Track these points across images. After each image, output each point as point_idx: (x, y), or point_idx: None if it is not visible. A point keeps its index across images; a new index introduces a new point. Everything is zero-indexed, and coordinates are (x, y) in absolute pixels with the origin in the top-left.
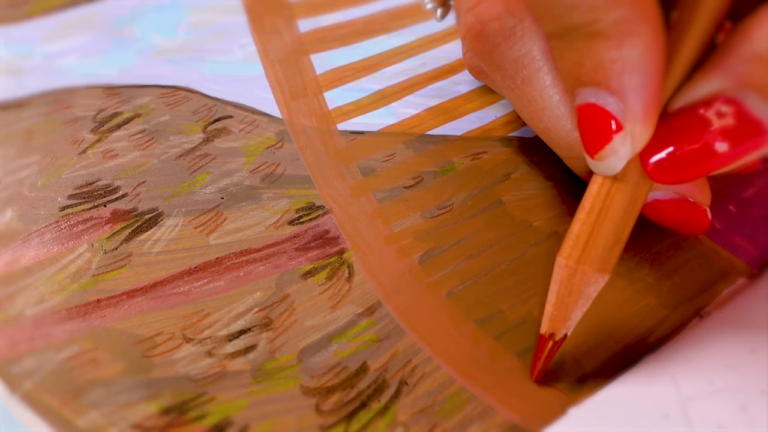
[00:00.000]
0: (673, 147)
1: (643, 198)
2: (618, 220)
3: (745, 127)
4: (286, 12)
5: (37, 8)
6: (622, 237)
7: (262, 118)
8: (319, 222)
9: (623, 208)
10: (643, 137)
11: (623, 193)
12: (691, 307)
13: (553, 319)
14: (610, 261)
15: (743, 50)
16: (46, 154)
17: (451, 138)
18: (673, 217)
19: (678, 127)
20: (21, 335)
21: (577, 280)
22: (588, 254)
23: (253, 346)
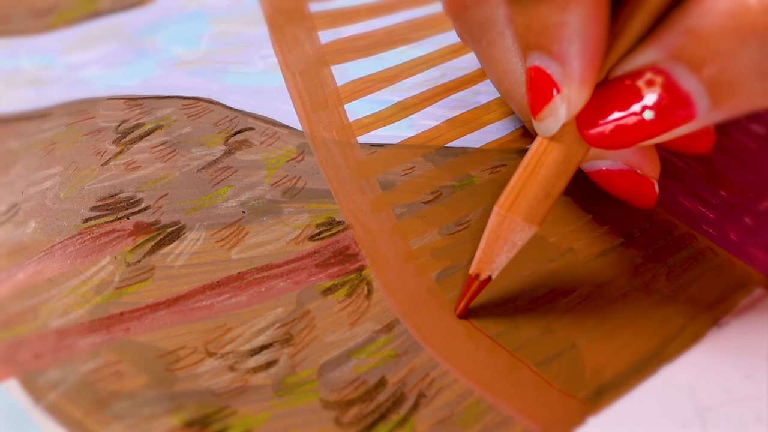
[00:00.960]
0: (605, 113)
1: (577, 159)
2: (549, 176)
3: (672, 98)
4: (306, 23)
5: (60, 19)
6: (552, 192)
7: (283, 131)
8: (339, 238)
9: (556, 166)
10: (578, 101)
11: (557, 153)
12: (709, 317)
13: (480, 261)
14: (538, 213)
15: (679, 24)
16: (69, 165)
17: (470, 150)
18: (621, 186)
19: (611, 94)
20: (45, 347)
21: (505, 227)
22: (518, 204)
23: (275, 361)
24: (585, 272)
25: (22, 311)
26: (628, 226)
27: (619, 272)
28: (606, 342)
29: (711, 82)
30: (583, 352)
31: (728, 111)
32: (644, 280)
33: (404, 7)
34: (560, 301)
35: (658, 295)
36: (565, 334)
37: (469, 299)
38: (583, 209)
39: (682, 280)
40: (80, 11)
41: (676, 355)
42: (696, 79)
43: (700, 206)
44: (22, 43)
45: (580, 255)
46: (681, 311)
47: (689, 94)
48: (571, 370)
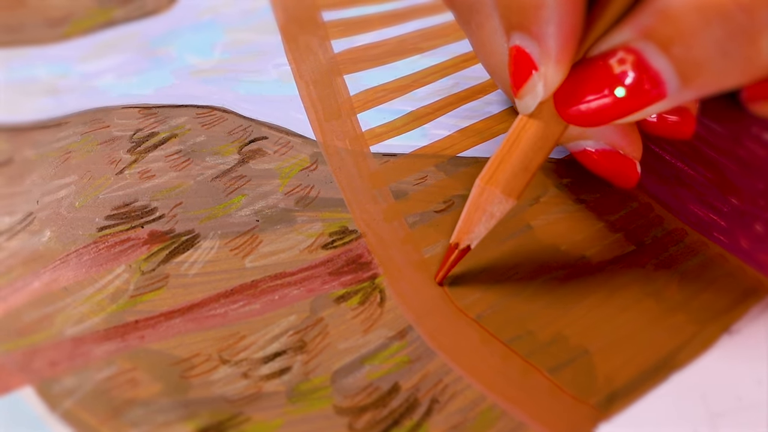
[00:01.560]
0: (580, 91)
1: (555, 136)
2: (527, 151)
3: (642, 77)
4: (320, 32)
5: (75, 29)
6: (529, 167)
7: (296, 140)
8: (352, 246)
9: (534, 141)
10: (554, 79)
11: (535, 129)
12: (720, 324)
13: (460, 231)
14: (515, 186)
15: (651, 4)
16: (84, 175)
17: (482, 160)
18: (604, 166)
19: (586, 73)
20: (60, 355)
21: (484, 199)
22: (496, 177)
23: (288, 368)
24: (597, 279)
25: (38, 319)
26: (640, 234)
27: (631, 279)
28: (618, 348)
29: (679, 60)
30: (596, 359)
31: (697, 89)
32: (656, 287)
33: (417, 16)
34: (573, 308)
35: (670, 302)
36: (578, 340)
37: (448, 267)
38: (596, 217)
39: (693, 287)
40: (95, 20)
41: (687, 361)
42: (665, 58)
43: (711, 214)
44: (38, 52)
45: (593, 262)
46: (692, 318)
47: (659, 73)
48: (583, 377)
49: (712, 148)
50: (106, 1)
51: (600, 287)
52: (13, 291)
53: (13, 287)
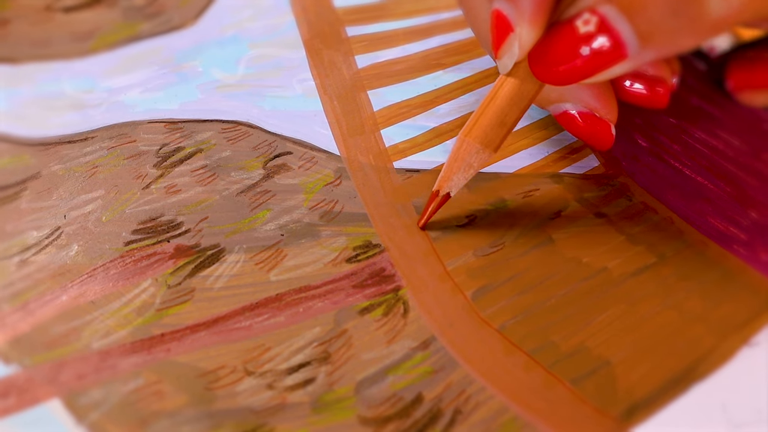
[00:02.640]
0: (551, 51)
1: (529, 94)
2: (503, 107)
3: (604, 37)
4: (344, 47)
5: (101, 43)
6: (505, 121)
7: (320, 155)
8: (375, 260)
9: (509, 98)
10: (528, 39)
11: (511, 86)
12: (740, 336)
13: (441, 179)
14: (493, 139)
15: None
16: (111, 189)
17: (503, 175)
18: (581, 127)
19: (557, 34)
20: (88, 367)
21: (463, 150)
22: (475, 130)
23: (312, 379)
24: (619, 291)
25: (66, 333)
26: (661, 247)
27: (652, 291)
28: (639, 360)
29: (637, 21)
30: (617, 370)
31: (656, 49)
32: (677, 299)
33: (439, 31)
34: (595, 319)
35: (691, 314)
36: (600, 351)
37: (430, 213)
38: (617, 231)
39: (713, 299)
40: (121, 35)
41: (708, 373)
42: (624, 19)
43: (731, 227)
44: (64, 66)
45: (614, 274)
46: (713, 330)
47: (619, 33)
48: (605, 388)
49: (731, 162)
50: (132, 16)
51: (621, 299)
52: (42, 305)
53: (42, 301)
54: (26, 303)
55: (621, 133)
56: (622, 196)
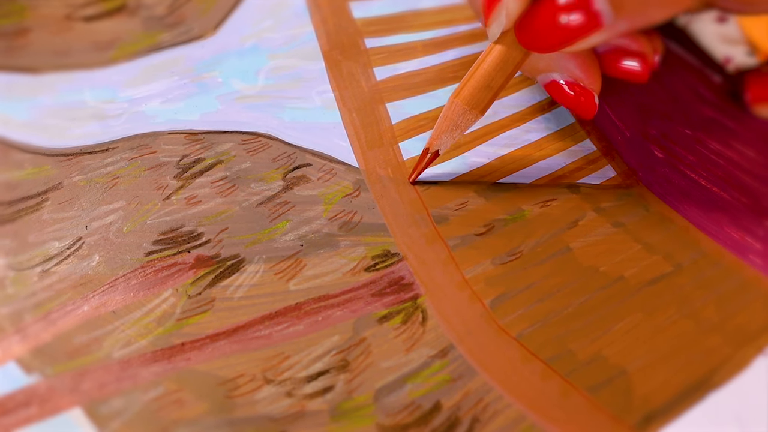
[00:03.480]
0: (534, 21)
1: (514, 61)
2: (490, 71)
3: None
4: (362, 59)
5: (122, 53)
6: (491, 85)
7: (339, 167)
8: (394, 269)
9: (495, 63)
10: (515, 9)
11: (498, 52)
12: (755, 346)
13: (431, 138)
14: (479, 101)
15: None
16: (132, 200)
17: (521, 186)
18: (567, 95)
19: (539, 5)
20: (109, 377)
21: (452, 111)
22: (463, 93)
23: (331, 387)
24: (635, 300)
25: (87, 342)
26: (677, 256)
27: (668, 300)
28: (656, 369)
29: None
30: (634, 379)
31: (629, 21)
32: (693, 308)
33: (457, 44)
34: (611, 328)
35: (707, 324)
36: (616, 360)
37: (420, 169)
38: (634, 240)
39: (729, 309)
40: (141, 45)
41: (723, 382)
42: None
43: (746, 237)
44: (85, 76)
45: (631, 283)
46: (728, 340)
47: (594, 4)
48: (621, 396)
49: (747, 172)
50: (152, 26)
51: (638, 308)
52: (63, 314)
53: (63, 311)
54: (48, 313)
55: (637, 144)
56: (638, 206)
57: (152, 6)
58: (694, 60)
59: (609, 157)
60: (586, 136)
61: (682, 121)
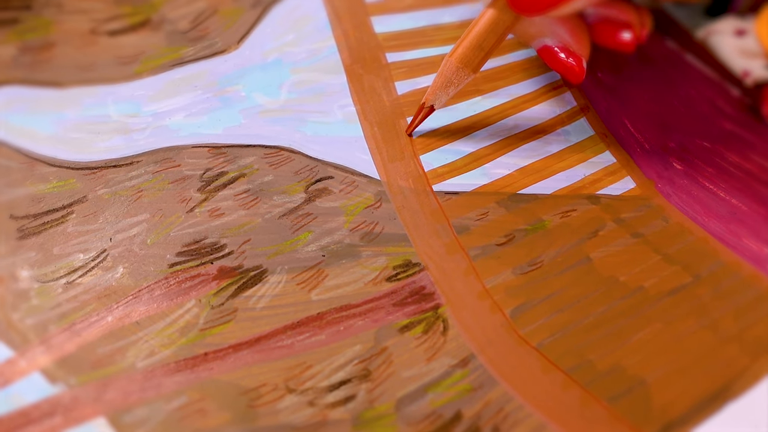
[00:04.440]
0: None
1: (505, 23)
2: (482, 33)
3: None
4: (384, 73)
5: (145, 67)
6: (483, 45)
7: (361, 179)
8: (415, 278)
9: (487, 25)
10: None
11: (490, 16)
12: None
13: (428, 93)
14: (471, 60)
15: None
16: (156, 213)
17: (541, 196)
18: (558, 59)
19: None
20: (132, 386)
21: (446, 69)
22: (457, 52)
23: (353, 396)
24: (655, 310)
25: (111, 353)
26: (696, 267)
27: (687, 311)
28: (674, 379)
29: None
30: (652, 389)
31: None
32: (711, 319)
33: None
34: (630, 338)
35: (725, 334)
36: (635, 370)
37: (417, 122)
38: (653, 250)
39: (747, 319)
40: (165, 59)
41: (740, 393)
42: None
43: (765, 248)
44: (109, 90)
45: (650, 293)
46: (746, 350)
47: None
48: (640, 406)
49: (765, 185)
50: (176, 40)
51: (657, 318)
52: (88, 325)
53: (88, 322)
54: (72, 324)
55: (656, 156)
56: (658, 217)
57: (176, 21)
58: (712, 73)
59: (628, 169)
60: (606, 148)
61: (701, 133)
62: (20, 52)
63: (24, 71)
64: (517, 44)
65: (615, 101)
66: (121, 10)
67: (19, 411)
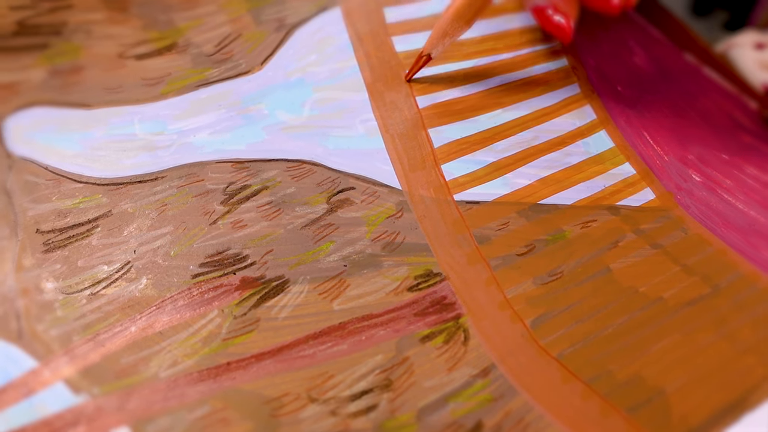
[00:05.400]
0: None
1: None
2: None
3: None
4: (405, 89)
5: (171, 88)
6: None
7: (382, 189)
8: (436, 288)
9: None
10: None
11: None
12: None
13: (426, 44)
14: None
15: None
16: (179, 225)
17: (561, 207)
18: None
19: None
20: (156, 396)
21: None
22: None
23: (375, 406)
24: (674, 321)
25: (134, 363)
26: (715, 278)
27: (706, 322)
28: (693, 389)
29: None
30: (672, 399)
31: None
32: (730, 330)
33: (499, 72)
34: (650, 349)
35: (743, 345)
36: (655, 380)
37: (416, 69)
38: (672, 261)
39: (765, 330)
40: (190, 80)
41: (758, 403)
42: None
43: None
44: (135, 110)
45: (669, 304)
46: (763, 361)
47: None
48: (659, 416)
49: None
50: (201, 62)
51: (676, 329)
52: (111, 336)
53: (111, 332)
54: (96, 334)
55: (675, 168)
56: (677, 228)
57: (201, 44)
58: (730, 87)
59: (648, 180)
60: (625, 160)
61: (720, 146)
62: (50, 75)
63: (53, 93)
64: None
65: (634, 114)
66: (148, 35)
67: (43, 420)
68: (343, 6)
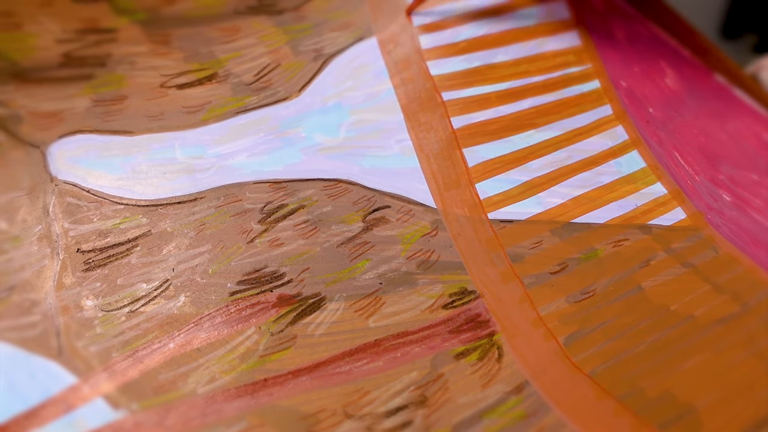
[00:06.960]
0: None
1: None
2: None
3: None
4: (439, 110)
5: (211, 115)
6: None
7: (417, 208)
8: (471, 306)
9: None
10: None
11: None
12: None
13: None
14: None
15: None
16: (217, 244)
17: (594, 226)
18: None
19: None
20: (194, 412)
21: None
22: None
23: (410, 422)
24: (704, 339)
25: (172, 379)
26: (745, 296)
27: (736, 340)
28: (723, 406)
29: None
30: (702, 416)
31: None
32: (759, 347)
33: (532, 94)
34: (681, 366)
35: None
36: (686, 397)
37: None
38: (703, 280)
39: None
40: (230, 107)
41: None
42: None
43: None
44: (176, 136)
45: (700, 322)
46: None
47: None
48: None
49: None
50: (241, 91)
51: (707, 347)
52: (150, 352)
53: (150, 348)
54: (135, 351)
55: (706, 188)
56: (707, 247)
57: (241, 74)
58: (760, 108)
59: (679, 200)
60: (657, 180)
61: (750, 166)
62: (94, 104)
63: (96, 121)
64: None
65: (665, 134)
66: (189, 66)
67: None
68: (379, 36)
